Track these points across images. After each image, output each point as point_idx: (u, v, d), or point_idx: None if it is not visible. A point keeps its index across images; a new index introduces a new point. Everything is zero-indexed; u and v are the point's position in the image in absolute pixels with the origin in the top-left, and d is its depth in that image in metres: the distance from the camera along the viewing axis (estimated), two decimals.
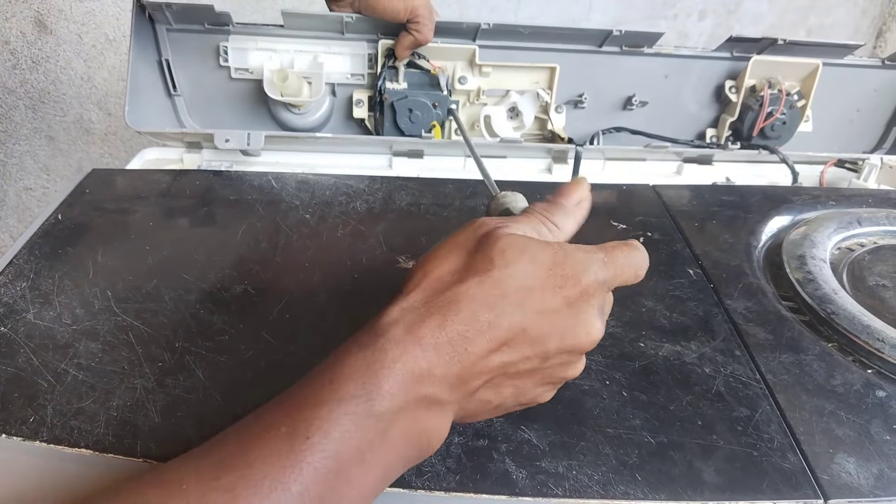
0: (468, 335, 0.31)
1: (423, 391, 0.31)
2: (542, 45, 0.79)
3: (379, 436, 0.30)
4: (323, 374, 0.31)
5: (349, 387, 0.29)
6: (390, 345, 0.30)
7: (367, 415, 0.29)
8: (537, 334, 0.32)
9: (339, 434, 0.28)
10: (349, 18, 0.73)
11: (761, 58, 0.80)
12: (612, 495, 0.35)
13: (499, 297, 0.32)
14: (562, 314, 0.33)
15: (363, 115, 0.81)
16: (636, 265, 0.36)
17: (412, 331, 0.31)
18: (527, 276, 0.32)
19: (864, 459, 0.38)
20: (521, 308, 0.32)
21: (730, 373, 0.44)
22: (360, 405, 0.29)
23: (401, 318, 0.32)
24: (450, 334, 0.31)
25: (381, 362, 0.30)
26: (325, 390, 0.30)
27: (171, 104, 0.79)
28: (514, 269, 0.32)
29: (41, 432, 0.37)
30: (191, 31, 0.75)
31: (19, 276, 0.49)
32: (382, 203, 0.62)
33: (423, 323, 0.31)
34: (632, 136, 0.83)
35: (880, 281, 0.54)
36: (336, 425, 0.28)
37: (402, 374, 0.30)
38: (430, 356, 0.31)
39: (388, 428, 0.30)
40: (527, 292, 0.32)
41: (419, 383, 0.30)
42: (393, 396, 0.30)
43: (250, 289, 0.49)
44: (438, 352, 0.31)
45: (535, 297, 0.32)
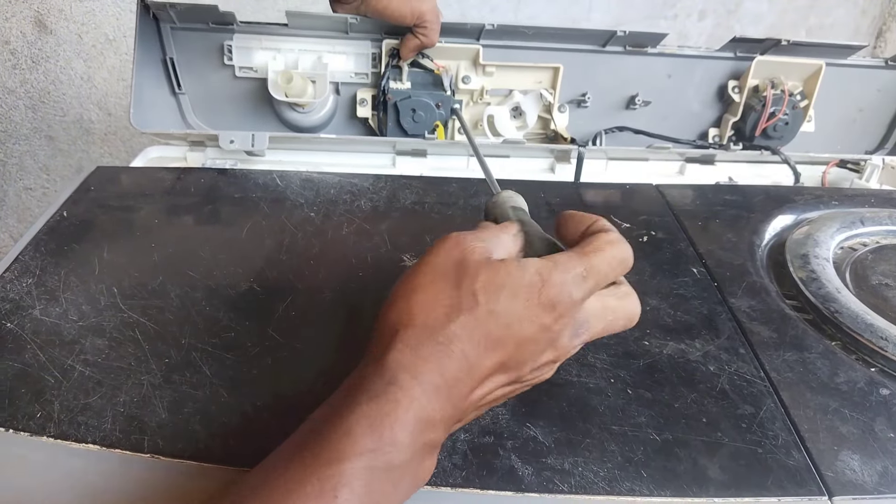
0: (459, 375, 0.32)
1: (428, 437, 0.31)
2: (545, 44, 0.79)
3: (394, 487, 0.30)
4: (337, 425, 0.30)
5: (367, 441, 0.29)
6: (401, 394, 0.31)
7: (387, 468, 0.29)
8: (514, 364, 0.34)
9: (362, 489, 0.29)
10: (354, 20, 0.73)
11: (765, 58, 0.80)
12: (617, 492, 0.36)
13: (483, 336, 0.33)
14: (537, 341, 0.34)
15: (367, 115, 0.81)
16: (619, 260, 0.36)
17: (417, 377, 0.31)
18: (507, 312, 0.33)
19: (868, 457, 0.38)
20: (501, 345, 0.33)
21: (734, 371, 0.44)
22: (378, 458, 0.29)
23: (402, 363, 0.32)
24: (445, 377, 0.32)
25: (394, 413, 0.30)
26: (344, 444, 0.29)
27: (176, 102, 0.79)
28: (494, 305, 0.33)
29: (48, 428, 0.37)
30: (195, 29, 0.75)
31: (25, 272, 0.49)
32: (387, 201, 0.62)
33: (424, 368, 0.32)
34: (635, 136, 0.83)
35: (883, 280, 0.54)
36: (359, 481, 0.29)
37: (414, 424, 0.30)
38: (433, 402, 0.31)
39: (400, 477, 0.30)
40: (507, 329, 0.33)
41: (425, 431, 0.31)
42: (407, 448, 0.30)
43: (256, 286, 0.49)
44: (437, 396, 0.31)
45: (514, 331, 0.33)
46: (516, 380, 0.35)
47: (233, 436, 0.37)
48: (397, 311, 0.34)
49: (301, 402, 0.39)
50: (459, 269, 0.34)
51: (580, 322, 0.35)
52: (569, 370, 0.43)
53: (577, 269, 0.34)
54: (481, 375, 0.33)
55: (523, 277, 0.34)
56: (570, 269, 0.34)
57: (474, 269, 0.34)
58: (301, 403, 0.39)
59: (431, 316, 0.33)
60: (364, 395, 0.31)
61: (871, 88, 0.87)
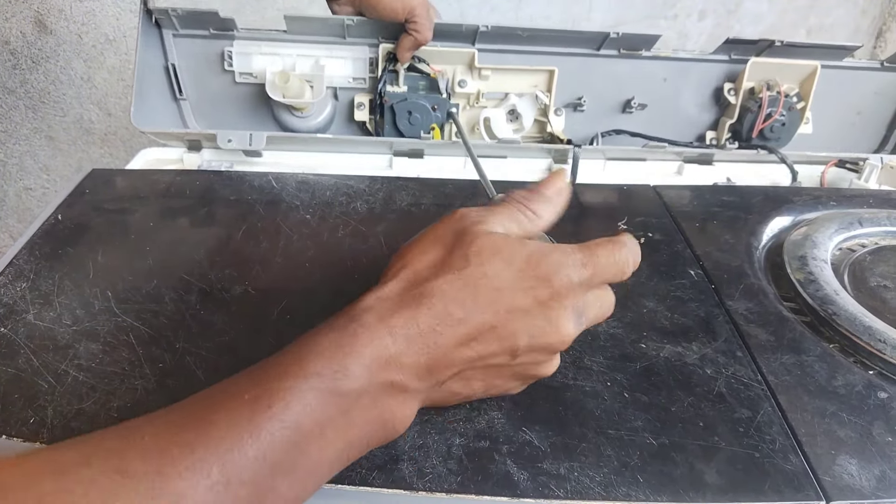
0: (438, 329, 0.32)
1: (390, 377, 0.32)
2: (540, 47, 0.79)
3: (341, 413, 0.30)
4: (293, 351, 0.32)
5: (317, 364, 0.30)
6: (362, 329, 0.32)
7: (331, 392, 0.30)
8: (506, 332, 0.34)
9: (301, 407, 0.29)
10: (350, 21, 0.74)
11: (759, 60, 0.80)
12: (613, 497, 0.35)
13: (470, 295, 0.33)
14: (532, 314, 0.34)
15: (364, 118, 0.81)
16: (621, 263, 0.36)
17: (385, 319, 0.32)
18: (499, 276, 0.33)
19: (866, 461, 0.38)
20: (491, 307, 0.33)
21: (731, 374, 0.44)
22: (324, 382, 0.30)
23: (375, 306, 0.33)
24: (421, 326, 0.32)
25: (350, 345, 0.31)
26: (294, 365, 0.30)
27: (178, 108, 0.80)
28: (487, 268, 0.33)
29: (42, 433, 0.37)
30: (196, 36, 0.77)
31: (19, 276, 0.49)
32: (383, 203, 0.62)
33: (396, 313, 0.32)
34: (631, 139, 0.83)
35: (882, 282, 0.54)
36: (298, 398, 0.29)
37: (370, 359, 0.31)
38: (400, 345, 0.32)
39: (351, 407, 0.31)
40: (497, 292, 0.33)
41: (386, 369, 0.32)
42: (358, 378, 0.31)
43: (251, 289, 0.49)
44: (409, 342, 0.32)
45: (506, 296, 0.33)
46: (511, 352, 0.34)
47: None
48: (392, 265, 0.36)
49: None
50: (457, 235, 0.35)
51: (580, 310, 0.35)
52: (564, 373, 0.43)
53: (576, 256, 0.35)
54: (466, 334, 0.33)
55: (521, 249, 0.34)
56: (570, 254, 0.35)
57: (472, 236, 0.35)
58: None
59: (420, 271, 0.34)
60: (327, 327, 0.33)
61: (868, 90, 0.87)
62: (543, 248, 0.35)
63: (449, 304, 0.33)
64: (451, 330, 0.33)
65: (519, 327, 0.34)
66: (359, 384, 0.31)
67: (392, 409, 0.33)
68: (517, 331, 0.34)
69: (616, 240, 0.37)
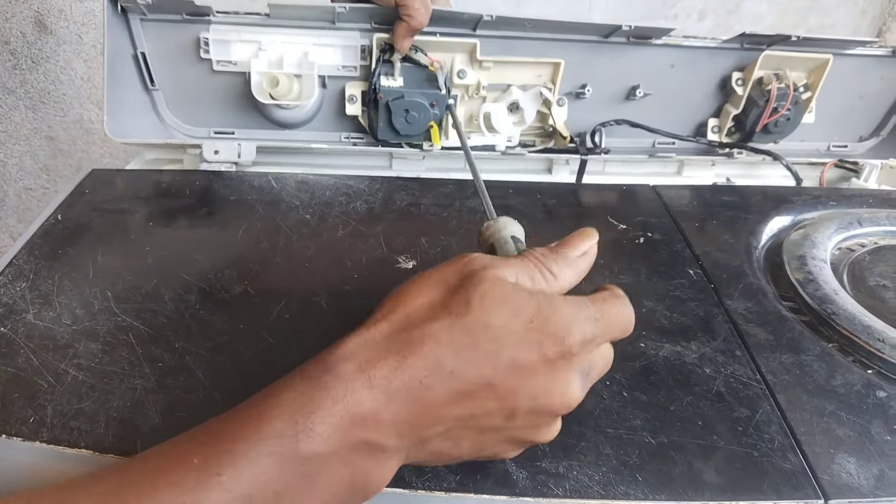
0: (427, 382, 0.29)
1: (364, 436, 0.28)
2: (545, 36, 0.76)
3: (302, 479, 0.27)
4: (255, 406, 0.29)
5: (276, 424, 0.27)
6: (335, 382, 0.28)
7: (291, 456, 0.27)
8: (506, 391, 0.30)
9: (254, 474, 0.26)
10: (342, 9, 0.70)
11: (772, 52, 0.79)
12: (612, 496, 0.35)
13: (468, 345, 0.29)
14: (538, 373, 0.30)
15: (356, 112, 0.77)
16: (626, 320, 0.34)
17: (365, 369, 0.29)
18: (503, 327, 0.30)
19: (864, 460, 0.38)
20: (490, 361, 0.29)
21: (730, 373, 0.44)
22: (284, 445, 0.27)
23: (355, 353, 0.29)
24: (405, 378, 0.29)
25: (319, 401, 0.28)
26: (251, 424, 0.27)
27: (150, 99, 0.75)
28: (490, 317, 0.30)
29: (41, 433, 0.37)
30: (167, 20, 0.71)
31: (19, 276, 0.49)
32: (382, 203, 0.62)
33: (378, 361, 0.29)
34: (633, 129, 0.82)
35: (881, 281, 0.54)
36: (252, 464, 0.26)
37: (341, 417, 0.28)
38: (379, 399, 0.28)
39: (315, 472, 0.28)
40: (500, 345, 0.29)
41: (360, 427, 0.28)
42: (326, 440, 0.27)
43: (250, 289, 0.49)
44: (389, 396, 0.28)
45: (510, 350, 0.30)
46: (509, 414, 0.31)
47: None
48: (383, 305, 0.32)
49: None
50: (463, 277, 0.32)
51: (586, 369, 0.32)
52: None
53: (589, 311, 0.32)
54: (460, 391, 0.29)
55: (530, 299, 0.31)
56: (584, 309, 0.32)
57: (478, 280, 0.31)
58: None
59: (414, 313, 0.31)
60: (298, 378, 0.29)
61: (874, 77, 0.85)
62: (555, 300, 0.31)
63: (441, 353, 0.29)
64: (441, 384, 0.29)
65: (520, 387, 0.30)
66: (326, 446, 0.27)
67: (366, 470, 0.29)
68: (518, 390, 0.30)
69: (620, 294, 0.34)
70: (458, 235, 0.57)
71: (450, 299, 0.31)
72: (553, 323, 0.30)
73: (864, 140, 0.91)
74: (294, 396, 0.28)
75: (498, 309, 0.30)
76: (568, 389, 0.31)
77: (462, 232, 0.57)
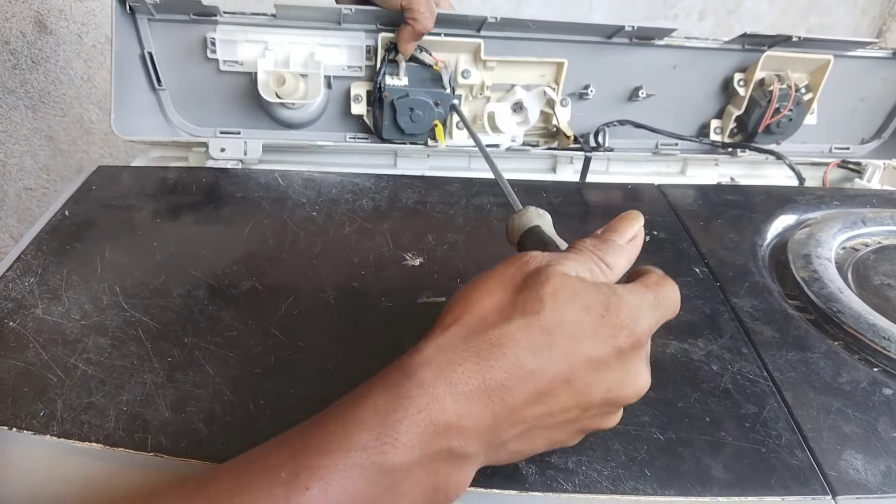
0: (507, 384, 0.29)
1: (448, 444, 0.28)
2: (548, 37, 0.77)
3: (387, 491, 0.27)
4: (339, 415, 0.28)
5: (362, 435, 0.27)
6: (417, 391, 0.28)
7: (378, 468, 0.27)
8: (582, 386, 0.30)
9: (342, 487, 0.26)
10: (347, 10, 0.70)
11: (774, 52, 0.79)
12: (621, 491, 0.36)
13: (546, 343, 0.29)
14: (611, 366, 0.30)
15: (362, 111, 0.78)
16: (677, 300, 0.34)
17: (445, 374, 0.28)
18: (578, 323, 0.30)
19: (871, 456, 0.38)
20: (567, 358, 0.29)
21: (737, 370, 0.44)
22: (370, 457, 0.27)
23: (434, 358, 0.29)
24: (487, 381, 0.28)
25: (403, 410, 0.28)
26: (337, 436, 0.27)
27: (157, 99, 0.75)
28: (564, 314, 0.30)
29: (51, 426, 0.37)
30: (175, 21, 0.71)
31: (27, 271, 0.49)
32: (388, 201, 0.62)
33: (458, 366, 0.29)
34: (636, 130, 0.82)
35: (885, 280, 0.54)
36: (340, 477, 0.26)
37: (425, 426, 0.28)
38: (461, 406, 0.28)
39: (399, 482, 0.27)
40: (576, 341, 0.30)
41: (444, 435, 0.28)
42: (410, 449, 0.27)
43: (258, 285, 0.49)
44: (470, 401, 0.28)
45: (585, 346, 0.30)
46: (585, 406, 0.31)
47: (236, 434, 0.37)
48: (453, 307, 0.32)
49: (304, 401, 0.39)
50: (529, 275, 0.32)
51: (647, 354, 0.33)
52: None
53: (648, 297, 0.32)
54: (539, 389, 0.29)
55: (598, 293, 0.31)
56: (644, 296, 0.32)
57: (545, 277, 0.31)
58: (304, 402, 0.39)
59: (488, 315, 0.30)
60: (379, 386, 0.29)
61: (875, 79, 0.86)
62: (619, 291, 0.31)
63: (521, 354, 0.29)
64: (521, 385, 0.29)
65: (596, 381, 0.30)
66: (410, 456, 0.27)
67: (447, 477, 0.29)
68: (593, 384, 0.30)
69: (665, 275, 0.35)
70: (464, 233, 0.57)
71: (519, 298, 0.31)
72: (622, 315, 0.31)
73: (866, 142, 0.91)
74: (377, 406, 0.28)
75: (569, 305, 0.30)
76: (639, 379, 0.32)
77: (468, 230, 0.58)
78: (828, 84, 0.81)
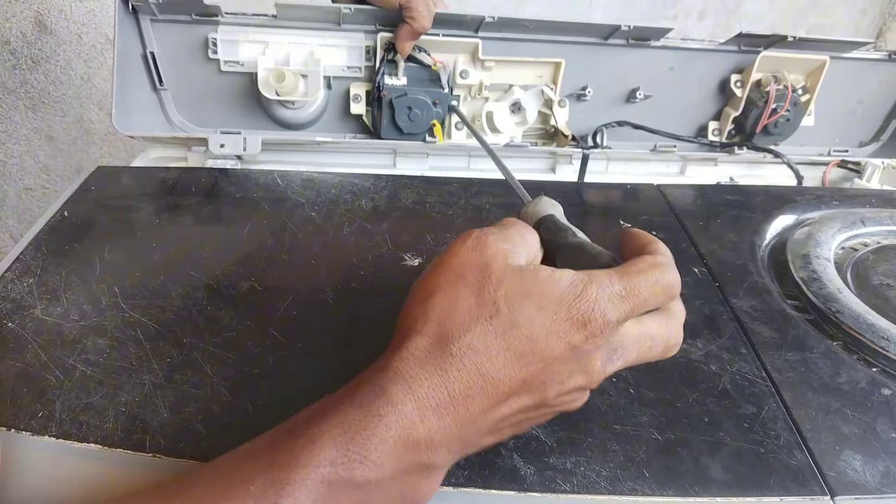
0: (470, 393, 0.29)
1: (417, 458, 0.29)
2: (546, 37, 0.77)
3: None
4: (308, 428, 0.28)
5: (331, 451, 0.27)
6: (387, 408, 0.28)
7: (346, 483, 0.27)
8: (537, 383, 0.31)
9: (311, 502, 0.26)
10: (347, 10, 0.70)
11: (770, 53, 0.79)
12: (619, 491, 0.36)
13: (502, 349, 0.30)
14: (564, 361, 0.31)
15: (361, 111, 0.78)
16: (665, 287, 0.32)
17: (413, 390, 0.29)
18: (531, 323, 0.30)
19: (870, 457, 0.38)
20: (522, 359, 0.30)
21: (736, 370, 0.44)
22: (339, 472, 0.27)
23: (401, 373, 0.30)
24: (451, 393, 0.29)
25: (372, 428, 0.28)
26: (305, 450, 0.27)
27: (158, 99, 0.76)
28: (518, 314, 0.30)
29: (50, 427, 0.37)
30: (177, 21, 0.72)
31: (26, 272, 0.49)
32: (388, 201, 0.62)
33: (425, 380, 0.29)
34: (634, 131, 0.82)
35: (884, 280, 0.54)
36: (308, 492, 0.26)
37: (395, 443, 0.28)
38: (430, 422, 0.29)
39: (369, 497, 0.28)
40: (530, 342, 0.30)
41: (413, 451, 0.28)
42: (380, 466, 0.28)
43: (257, 286, 0.49)
44: (438, 414, 0.29)
45: (539, 346, 0.30)
46: (541, 403, 0.32)
47: (234, 435, 0.37)
48: (412, 315, 0.32)
49: (302, 402, 0.39)
50: (481, 273, 0.32)
51: (614, 346, 0.32)
52: None
53: (614, 288, 0.31)
54: (499, 394, 0.30)
55: (553, 288, 0.31)
56: (607, 287, 0.31)
57: (499, 275, 0.31)
58: (302, 403, 0.39)
59: (447, 323, 0.31)
60: (349, 401, 0.29)
61: (871, 81, 0.86)
62: (576, 282, 0.31)
63: (480, 362, 0.29)
64: (483, 392, 0.29)
65: (551, 378, 0.31)
66: (379, 472, 0.28)
67: (415, 487, 0.30)
68: (547, 381, 0.31)
69: (656, 262, 0.33)
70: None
71: (477, 303, 0.31)
72: (576, 309, 0.30)
73: (865, 145, 0.91)
74: (347, 422, 0.28)
75: (523, 304, 0.30)
76: (590, 368, 0.32)
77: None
78: (825, 86, 0.81)
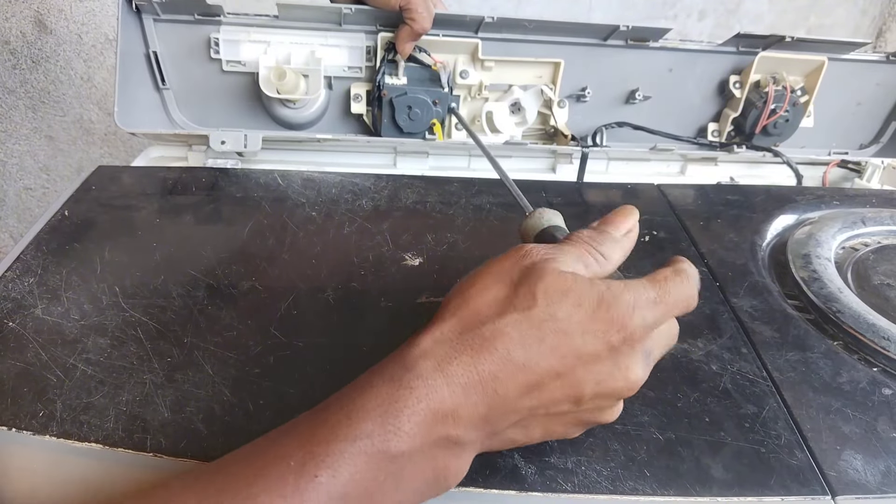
0: (499, 376, 0.30)
1: (445, 431, 0.30)
2: (545, 38, 0.77)
3: (391, 477, 0.29)
4: (343, 405, 0.30)
5: (367, 424, 0.28)
6: (417, 381, 0.29)
7: (382, 456, 0.28)
8: (572, 380, 0.31)
9: (349, 475, 0.27)
10: (348, 10, 0.71)
11: (768, 54, 0.79)
12: (620, 491, 0.36)
13: (536, 338, 0.31)
14: (601, 360, 0.31)
15: (361, 111, 0.78)
16: (688, 297, 0.34)
17: (442, 367, 0.30)
18: (569, 318, 0.31)
19: (871, 456, 0.38)
20: (557, 352, 0.31)
21: (737, 370, 0.44)
22: (375, 444, 0.28)
23: (432, 351, 0.31)
24: (481, 374, 0.30)
25: (404, 400, 0.29)
26: (342, 425, 0.28)
27: (160, 98, 0.76)
28: (555, 309, 0.31)
29: (51, 427, 0.37)
30: (179, 21, 0.72)
31: (27, 271, 0.49)
32: (388, 201, 0.62)
33: (454, 359, 0.30)
34: (634, 132, 0.82)
35: (885, 280, 0.54)
36: (347, 465, 0.28)
37: (425, 414, 0.29)
38: (458, 396, 0.30)
39: (402, 469, 0.29)
40: (566, 336, 0.31)
41: (442, 423, 0.29)
42: (412, 437, 0.29)
43: (258, 285, 0.49)
44: (466, 392, 0.30)
45: (575, 341, 0.31)
46: (575, 400, 0.32)
47: (235, 434, 0.37)
48: (450, 303, 0.33)
49: (303, 401, 0.39)
50: (524, 271, 0.33)
51: (648, 350, 0.33)
52: None
53: (649, 294, 0.32)
54: (529, 382, 0.30)
55: (592, 290, 0.32)
56: (643, 293, 0.32)
57: (539, 273, 0.32)
58: (303, 402, 0.39)
59: (481, 310, 0.32)
60: (379, 377, 0.30)
61: (870, 83, 0.86)
62: (614, 287, 0.32)
63: (511, 348, 0.30)
64: (512, 378, 0.30)
65: (586, 374, 0.31)
66: (411, 444, 0.29)
67: (445, 464, 0.31)
68: (584, 378, 0.31)
69: (682, 270, 0.34)
70: (463, 233, 0.57)
71: (514, 294, 0.32)
72: (614, 311, 0.31)
73: (865, 147, 0.91)
74: (380, 396, 0.29)
75: (561, 301, 0.31)
76: (630, 373, 0.32)
77: (468, 230, 0.58)
78: (823, 87, 0.81)
